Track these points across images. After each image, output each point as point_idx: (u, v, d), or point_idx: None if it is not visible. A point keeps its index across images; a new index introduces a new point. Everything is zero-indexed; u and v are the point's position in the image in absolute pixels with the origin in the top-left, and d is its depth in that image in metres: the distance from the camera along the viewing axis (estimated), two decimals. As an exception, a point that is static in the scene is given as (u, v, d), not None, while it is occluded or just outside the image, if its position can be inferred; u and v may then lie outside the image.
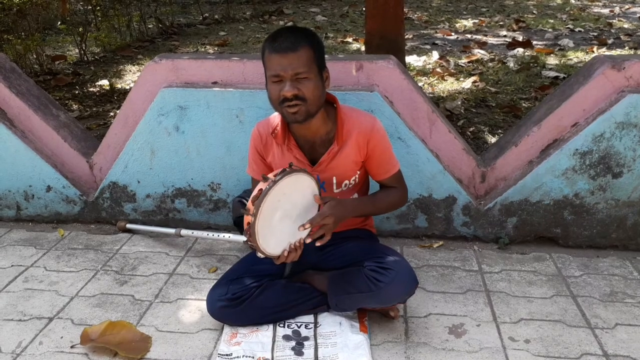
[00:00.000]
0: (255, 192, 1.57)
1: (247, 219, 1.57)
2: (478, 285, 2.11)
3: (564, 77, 4.54)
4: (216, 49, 6.48)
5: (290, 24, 7.87)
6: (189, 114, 2.38)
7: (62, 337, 1.87)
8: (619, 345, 1.77)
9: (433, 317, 1.93)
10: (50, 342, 1.85)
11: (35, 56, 5.51)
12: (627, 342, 1.78)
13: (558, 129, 2.26)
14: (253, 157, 1.95)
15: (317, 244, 1.69)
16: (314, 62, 1.66)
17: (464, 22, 7.82)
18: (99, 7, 7.06)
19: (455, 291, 2.07)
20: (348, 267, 1.88)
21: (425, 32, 7.22)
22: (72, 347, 1.82)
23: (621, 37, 6.43)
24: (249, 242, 1.61)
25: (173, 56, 2.43)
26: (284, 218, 1.65)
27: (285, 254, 1.68)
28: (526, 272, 2.19)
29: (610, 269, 2.20)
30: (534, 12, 8.62)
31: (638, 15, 8.13)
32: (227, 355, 1.75)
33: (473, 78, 4.62)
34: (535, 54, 5.52)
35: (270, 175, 1.58)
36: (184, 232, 2.39)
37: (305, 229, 1.67)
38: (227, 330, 1.87)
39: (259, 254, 1.65)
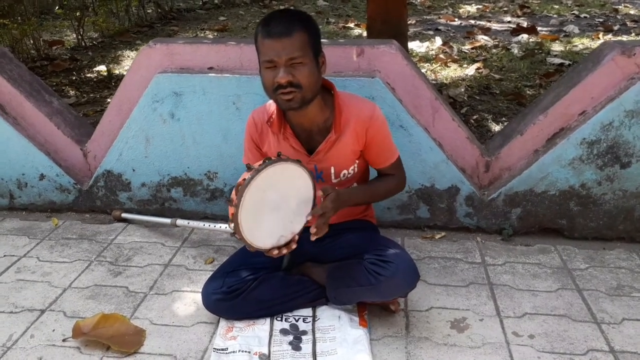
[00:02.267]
0: (239, 182, 1.51)
1: (230, 209, 1.51)
2: (481, 277, 2.06)
3: (569, 64, 4.45)
4: (215, 34, 6.38)
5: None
6: (184, 100, 2.31)
7: (54, 330, 1.83)
8: (626, 341, 1.72)
9: (435, 311, 1.88)
10: (41, 335, 1.81)
11: (32, 41, 5.42)
12: (635, 338, 1.73)
13: (565, 117, 2.19)
14: (248, 145, 1.88)
15: (312, 238, 1.63)
16: (308, 47, 1.59)
17: (468, 8, 7.70)
18: (96, -8, 6.96)
19: (458, 284, 2.02)
20: (348, 260, 1.83)
21: (428, 17, 7.11)
22: (63, 340, 1.77)
23: (627, 23, 6.32)
24: (235, 235, 1.55)
25: (168, 40, 2.35)
26: (273, 210, 1.58)
27: (275, 250, 1.63)
28: (530, 264, 2.13)
29: (616, 261, 2.14)
30: (539, -3, 8.49)
31: (645, 0, 8.01)
32: (222, 349, 1.70)
33: (476, 65, 4.53)
34: (539, 40, 5.42)
35: (255, 165, 1.52)
36: (179, 222, 2.33)
37: (310, 224, 1.60)
38: (223, 323, 1.82)
39: (248, 248, 1.59)
